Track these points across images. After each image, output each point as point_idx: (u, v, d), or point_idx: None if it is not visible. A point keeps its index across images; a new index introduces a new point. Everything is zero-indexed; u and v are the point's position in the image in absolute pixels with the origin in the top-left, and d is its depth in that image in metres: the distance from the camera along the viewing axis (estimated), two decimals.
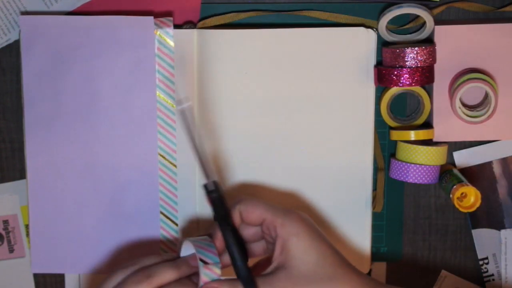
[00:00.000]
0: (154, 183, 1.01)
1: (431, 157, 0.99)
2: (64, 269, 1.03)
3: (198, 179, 1.01)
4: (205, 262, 0.86)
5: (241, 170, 1.01)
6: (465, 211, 0.98)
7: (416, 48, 0.96)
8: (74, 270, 1.03)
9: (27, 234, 1.05)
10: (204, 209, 1.01)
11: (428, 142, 1.01)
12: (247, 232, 0.91)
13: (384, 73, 0.97)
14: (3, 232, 1.05)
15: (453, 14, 1.02)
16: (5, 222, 1.05)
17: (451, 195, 0.98)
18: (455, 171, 1.01)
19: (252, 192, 1.01)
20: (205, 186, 0.89)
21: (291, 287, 0.85)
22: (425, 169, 0.98)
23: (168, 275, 0.87)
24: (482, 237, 1.04)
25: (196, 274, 0.88)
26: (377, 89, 1.01)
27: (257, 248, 0.93)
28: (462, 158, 1.03)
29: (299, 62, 0.99)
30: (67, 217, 1.01)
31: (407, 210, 1.05)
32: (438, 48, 0.99)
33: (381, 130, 1.03)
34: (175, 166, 1.01)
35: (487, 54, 0.99)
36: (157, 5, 1.00)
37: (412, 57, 0.96)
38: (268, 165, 1.01)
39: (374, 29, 0.99)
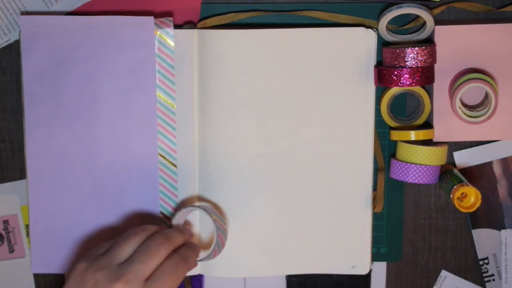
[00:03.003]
0: (154, 183, 1.01)
1: (431, 157, 0.99)
2: (64, 269, 1.03)
3: (198, 179, 1.01)
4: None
5: (241, 170, 1.01)
6: (465, 211, 0.98)
7: (416, 48, 0.96)
8: None
9: (27, 234, 1.05)
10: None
11: (428, 142, 1.01)
12: None
13: (384, 73, 0.97)
14: (3, 232, 1.05)
15: (453, 14, 1.02)
16: (5, 222, 1.05)
17: (451, 195, 0.98)
18: (455, 171, 1.01)
19: (252, 191, 1.01)
20: None
21: None
22: (425, 169, 0.98)
23: (179, 238, 0.94)
24: (482, 237, 1.04)
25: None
26: (377, 89, 1.01)
27: None
28: (462, 158, 1.03)
29: (299, 62, 0.99)
30: (67, 217, 1.01)
31: (407, 210, 1.05)
32: (438, 48, 0.99)
33: (381, 130, 1.03)
34: (175, 166, 1.01)
35: (487, 54, 0.99)
36: (157, 5, 1.00)
37: (412, 57, 0.96)
38: (267, 165, 1.01)
39: (374, 29, 0.99)
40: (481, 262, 1.05)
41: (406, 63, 0.96)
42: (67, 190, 1.01)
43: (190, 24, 1.00)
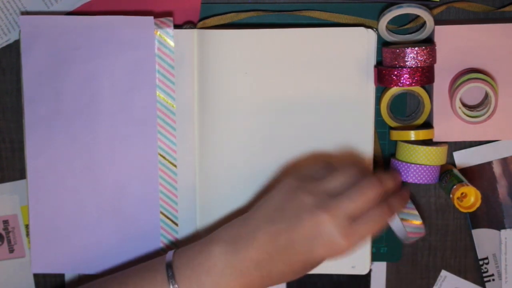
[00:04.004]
0: (154, 183, 1.01)
1: (431, 157, 0.99)
2: (64, 269, 1.03)
3: (198, 179, 1.01)
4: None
5: (241, 170, 1.01)
6: (465, 211, 0.98)
7: (416, 48, 0.96)
8: (74, 270, 1.03)
9: (27, 234, 1.05)
10: (204, 208, 1.01)
11: (428, 142, 1.01)
12: None
13: (384, 73, 0.97)
14: (3, 232, 1.05)
15: (453, 14, 1.02)
16: (5, 222, 1.05)
17: (451, 195, 0.98)
18: (455, 171, 1.01)
19: (252, 191, 1.01)
20: None
21: None
22: (425, 169, 0.98)
23: (390, 183, 0.94)
24: (482, 237, 1.04)
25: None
26: (377, 89, 1.01)
27: None
28: (462, 158, 1.03)
29: (299, 62, 0.99)
30: (67, 217, 1.01)
31: None
32: (438, 48, 0.99)
33: (381, 130, 1.03)
34: (175, 166, 1.01)
35: (487, 54, 0.99)
36: (157, 5, 1.00)
37: (412, 57, 0.96)
38: (268, 165, 1.01)
39: (374, 29, 0.99)
40: (481, 262, 1.05)
41: (406, 63, 0.96)
42: (67, 190, 1.01)
43: (190, 24, 1.01)
